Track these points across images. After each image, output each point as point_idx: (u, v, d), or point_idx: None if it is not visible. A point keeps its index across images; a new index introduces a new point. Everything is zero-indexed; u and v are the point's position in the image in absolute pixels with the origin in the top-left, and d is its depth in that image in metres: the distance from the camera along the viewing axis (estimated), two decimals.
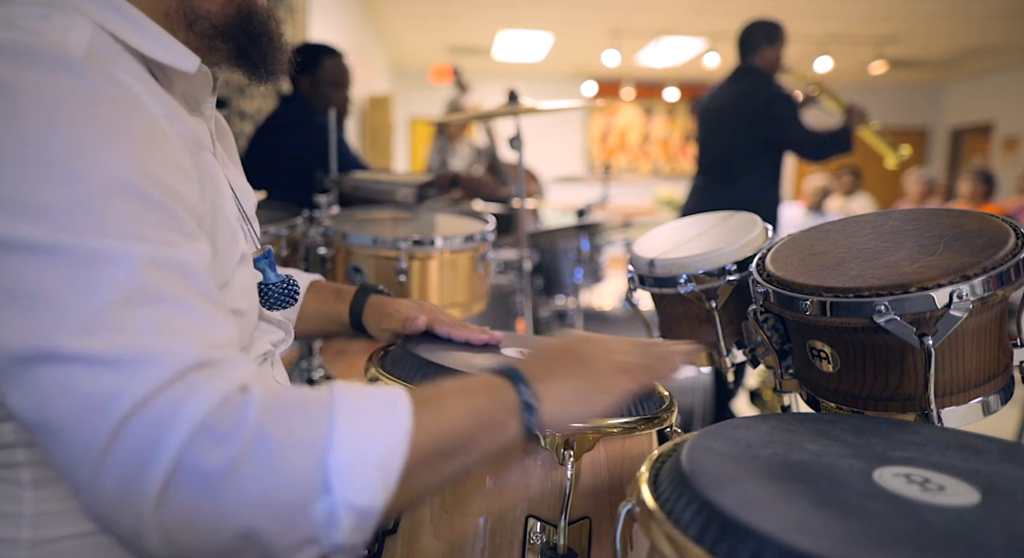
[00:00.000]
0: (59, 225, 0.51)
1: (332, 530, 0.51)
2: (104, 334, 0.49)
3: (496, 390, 0.62)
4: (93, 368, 0.49)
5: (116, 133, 0.55)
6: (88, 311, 0.50)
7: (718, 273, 1.01)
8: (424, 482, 0.56)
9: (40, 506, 0.62)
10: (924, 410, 0.76)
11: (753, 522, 0.46)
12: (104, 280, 0.51)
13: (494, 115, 2.12)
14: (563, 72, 9.60)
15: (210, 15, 0.71)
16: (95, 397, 0.48)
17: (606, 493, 0.82)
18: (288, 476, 0.50)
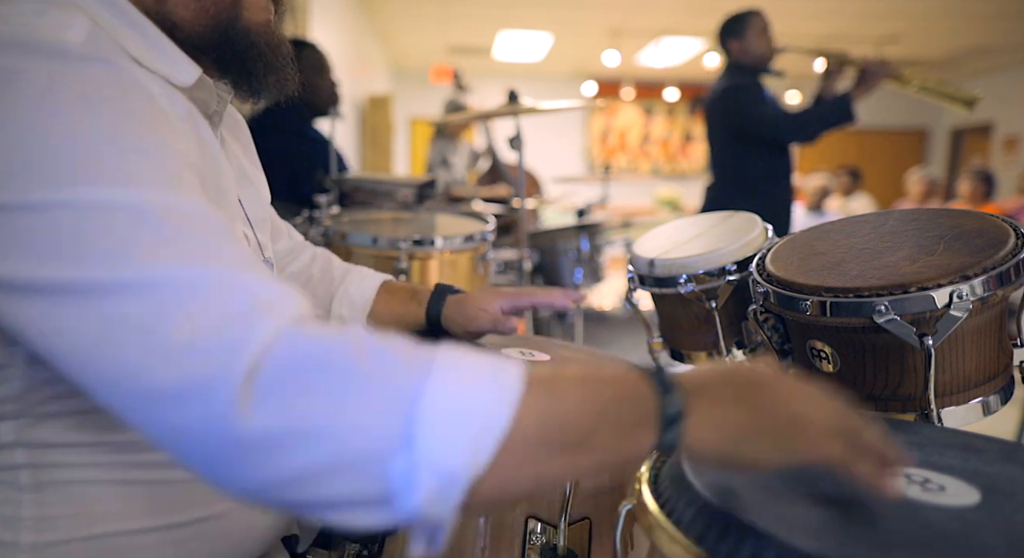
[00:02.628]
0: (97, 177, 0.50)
1: (409, 492, 0.43)
2: (188, 257, 0.49)
3: (629, 387, 0.51)
4: (170, 289, 0.47)
5: (119, 108, 0.54)
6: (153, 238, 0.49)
7: (718, 273, 1.01)
8: (519, 474, 0.47)
9: (40, 510, 0.61)
10: (924, 410, 0.76)
11: (754, 522, 0.46)
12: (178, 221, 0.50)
13: (494, 115, 2.12)
14: (563, 72, 9.59)
15: (185, 23, 0.67)
16: (177, 317, 0.46)
17: (606, 494, 0.82)
18: (369, 415, 0.44)
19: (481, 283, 1.75)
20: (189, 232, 0.50)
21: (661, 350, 1.17)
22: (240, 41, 0.70)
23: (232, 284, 0.48)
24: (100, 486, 0.63)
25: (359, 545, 0.80)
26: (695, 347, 1.11)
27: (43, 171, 0.49)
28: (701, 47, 7.82)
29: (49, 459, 0.61)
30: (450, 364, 0.47)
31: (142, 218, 0.49)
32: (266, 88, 0.74)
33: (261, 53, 0.71)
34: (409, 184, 2.14)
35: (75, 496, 0.62)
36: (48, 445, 0.61)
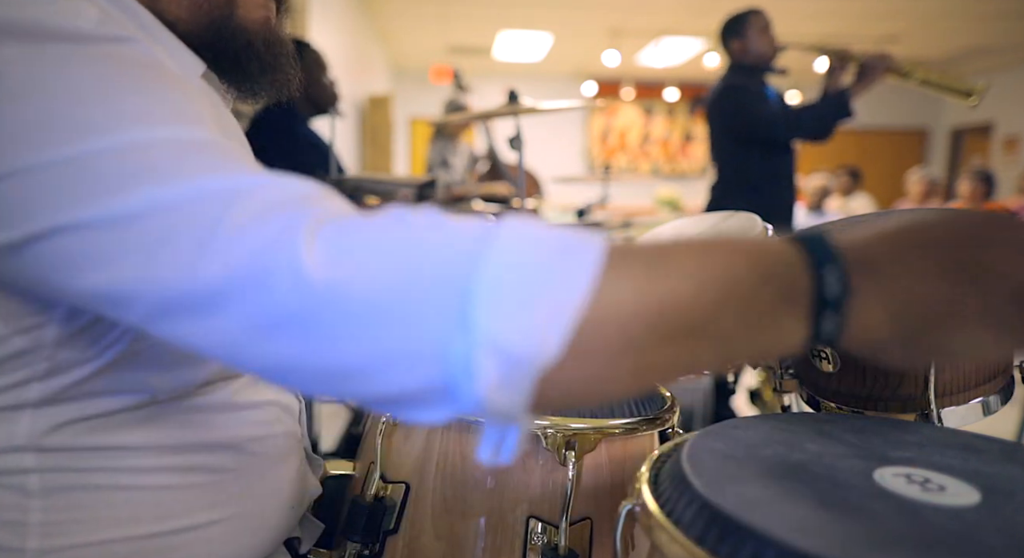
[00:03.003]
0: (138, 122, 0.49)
1: (470, 379, 0.38)
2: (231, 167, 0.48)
3: (771, 258, 0.40)
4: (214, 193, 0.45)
5: (141, 70, 0.53)
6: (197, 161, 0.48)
7: None
8: (613, 364, 0.40)
9: (48, 515, 0.60)
10: (924, 410, 0.76)
11: (754, 522, 0.46)
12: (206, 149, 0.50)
13: (494, 115, 2.13)
14: (563, 72, 9.60)
15: (179, 22, 0.66)
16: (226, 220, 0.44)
17: (607, 494, 0.82)
18: (423, 289, 0.39)
19: None
20: (218, 154, 0.49)
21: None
22: (235, 39, 0.68)
23: (268, 184, 0.47)
24: (110, 491, 0.63)
25: (360, 545, 0.80)
26: None
27: (74, 125, 0.48)
28: (701, 47, 7.83)
29: (61, 464, 0.61)
30: (516, 232, 0.39)
31: (172, 147, 0.48)
32: (263, 88, 0.73)
33: (257, 51, 0.70)
34: (409, 184, 2.14)
35: (84, 502, 0.61)
36: (62, 449, 0.60)
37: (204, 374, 0.68)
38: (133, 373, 0.62)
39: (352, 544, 0.81)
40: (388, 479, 0.83)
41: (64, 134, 0.48)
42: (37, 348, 0.57)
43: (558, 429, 0.78)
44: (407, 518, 0.80)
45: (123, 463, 0.63)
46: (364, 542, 0.80)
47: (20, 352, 0.57)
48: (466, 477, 0.80)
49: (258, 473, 0.73)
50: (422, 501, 0.80)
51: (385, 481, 0.83)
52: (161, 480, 0.65)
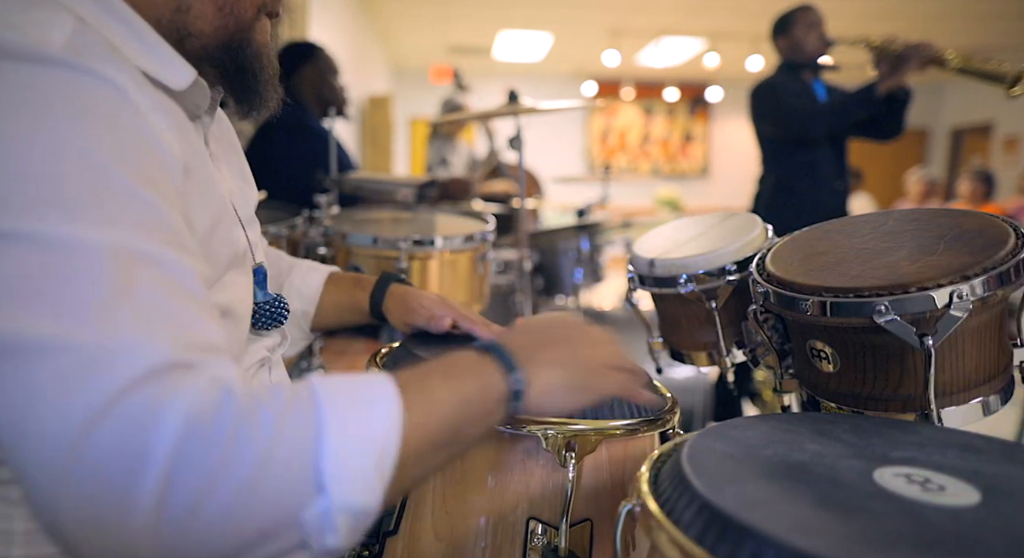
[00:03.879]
0: (28, 212, 0.48)
1: (326, 534, 0.48)
2: (71, 323, 0.46)
3: (485, 376, 0.59)
4: (58, 359, 0.45)
5: (98, 125, 0.54)
6: (55, 299, 0.47)
7: (718, 273, 1.01)
8: (413, 476, 0.54)
9: (32, 523, 0.59)
10: (924, 410, 0.76)
11: (754, 522, 0.46)
12: (74, 268, 0.48)
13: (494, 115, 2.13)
14: (563, 72, 9.60)
15: (202, 36, 0.69)
16: (61, 391, 0.45)
17: (608, 495, 0.82)
18: (278, 479, 0.47)
19: (481, 283, 1.75)
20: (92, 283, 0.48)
21: (661, 350, 1.17)
22: (248, 59, 0.73)
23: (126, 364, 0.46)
24: None
25: (360, 546, 0.80)
26: (695, 347, 1.11)
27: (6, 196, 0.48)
28: (701, 47, 7.82)
29: None
30: (335, 406, 0.50)
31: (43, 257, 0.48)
32: (257, 101, 0.77)
33: (263, 69, 0.75)
34: (409, 184, 2.14)
35: None
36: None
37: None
38: None
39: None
40: None
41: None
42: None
43: (558, 431, 0.78)
44: (407, 519, 0.80)
45: None
46: (364, 543, 0.80)
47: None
48: (466, 478, 0.80)
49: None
50: (422, 502, 0.80)
51: None
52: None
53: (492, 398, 0.59)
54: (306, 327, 1.08)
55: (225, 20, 0.69)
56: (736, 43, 7.38)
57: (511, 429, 0.79)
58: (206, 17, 0.68)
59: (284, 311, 0.88)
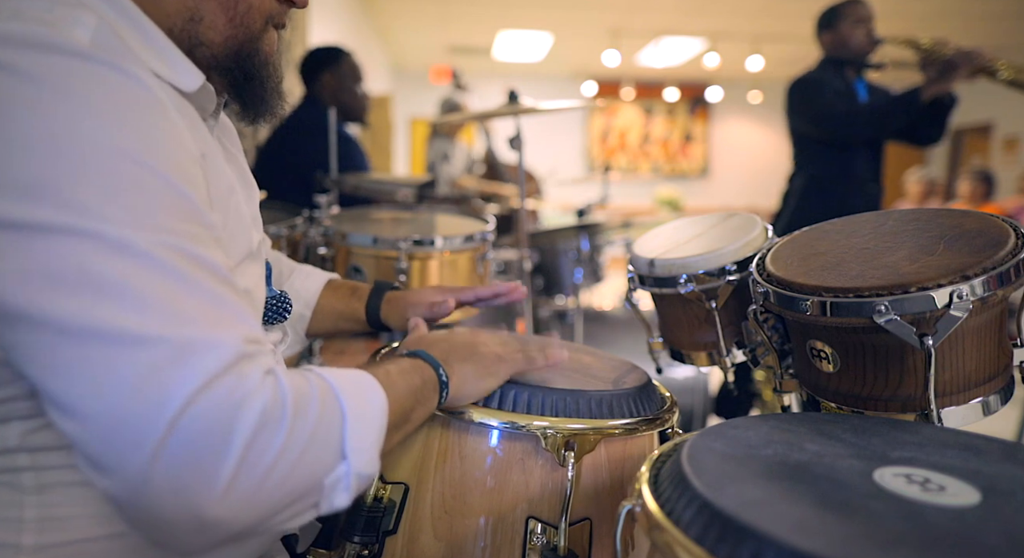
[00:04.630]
0: (92, 211, 0.51)
1: (339, 495, 0.59)
2: (155, 318, 0.51)
3: (425, 372, 0.74)
4: (147, 351, 0.50)
5: (140, 122, 0.56)
6: (136, 295, 0.51)
7: (718, 273, 1.01)
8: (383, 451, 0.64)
9: (43, 511, 0.61)
10: (924, 410, 0.76)
11: (754, 522, 0.46)
12: (144, 267, 0.52)
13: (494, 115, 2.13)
14: (563, 72, 9.60)
15: (212, 45, 0.71)
16: (151, 381, 0.49)
17: (607, 494, 0.82)
18: (318, 453, 0.56)
19: (481, 283, 1.75)
20: (153, 282, 0.52)
21: (661, 350, 1.17)
22: (255, 68, 0.75)
23: (192, 354, 0.51)
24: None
25: (359, 545, 0.80)
26: (695, 347, 1.11)
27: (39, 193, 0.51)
28: (701, 47, 7.83)
29: (53, 461, 0.61)
30: (348, 395, 0.60)
31: (108, 258, 0.51)
32: (268, 111, 0.79)
33: (269, 78, 0.77)
34: (409, 184, 2.14)
35: (79, 498, 0.62)
36: (52, 448, 0.61)
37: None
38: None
39: (351, 545, 0.80)
40: (387, 480, 0.83)
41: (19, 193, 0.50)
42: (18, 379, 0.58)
43: (557, 430, 0.78)
44: (406, 519, 0.80)
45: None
46: (363, 543, 0.80)
47: (4, 366, 0.57)
48: (465, 478, 0.80)
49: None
50: (421, 502, 0.80)
51: (384, 482, 0.83)
52: None
53: (431, 388, 0.74)
54: (301, 331, 1.09)
55: (235, 30, 0.71)
56: (736, 43, 7.38)
57: (511, 428, 0.79)
58: (217, 27, 0.70)
59: (288, 306, 0.90)
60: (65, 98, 0.53)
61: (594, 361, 0.99)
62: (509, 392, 0.81)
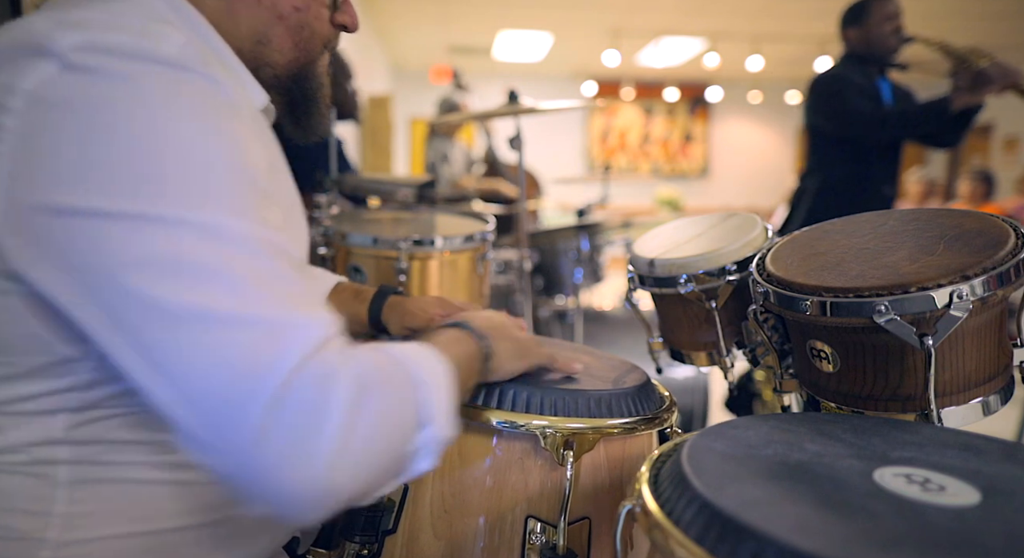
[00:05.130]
0: (193, 203, 0.55)
1: (422, 460, 0.62)
2: (254, 301, 0.54)
3: (471, 343, 0.77)
4: (247, 330, 0.53)
5: (226, 124, 0.60)
6: (234, 279, 0.54)
7: (718, 273, 1.01)
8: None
9: (72, 507, 0.62)
10: (924, 410, 0.76)
11: (754, 522, 0.46)
12: (239, 253, 0.55)
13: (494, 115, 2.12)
14: (563, 72, 9.60)
15: (276, 66, 0.76)
16: (255, 358, 0.52)
17: (606, 493, 0.82)
18: (406, 420, 0.60)
19: (481, 283, 1.75)
20: (247, 268, 0.55)
21: (661, 350, 1.17)
22: (312, 89, 0.80)
23: (288, 326, 0.55)
24: (134, 486, 0.65)
25: (358, 545, 0.80)
26: (695, 347, 1.11)
27: (140, 185, 0.54)
28: (701, 47, 7.83)
29: (92, 456, 0.63)
30: (421, 367, 0.64)
31: (205, 245, 0.54)
32: (318, 127, 0.84)
33: (322, 98, 0.82)
34: (408, 184, 2.14)
35: (107, 495, 0.63)
36: (94, 442, 0.63)
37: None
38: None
39: (351, 544, 0.81)
40: None
41: (127, 188, 0.54)
42: (84, 358, 0.60)
43: (556, 429, 0.78)
44: (406, 518, 0.80)
45: (153, 458, 0.65)
46: (363, 542, 0.80)
47: (66, 360, 0.60)
48: (464, 477, 0.80)
49: None
50: (421, 501, 0.80)
51: None
52: (184, 477, 0.67)
53: (478, 359, 0.77)
54: None
55: (298, 54, 0.76)
56: (736, 43, 7.38)
57: (510, 427, 0.79)
58: (283, 51, 0.75)
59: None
60: (164, 103, 0.56)
61: (593, 361, 0.99)
62: (508, 391, 0.81)
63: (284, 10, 0.74)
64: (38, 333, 0.59)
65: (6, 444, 0.61)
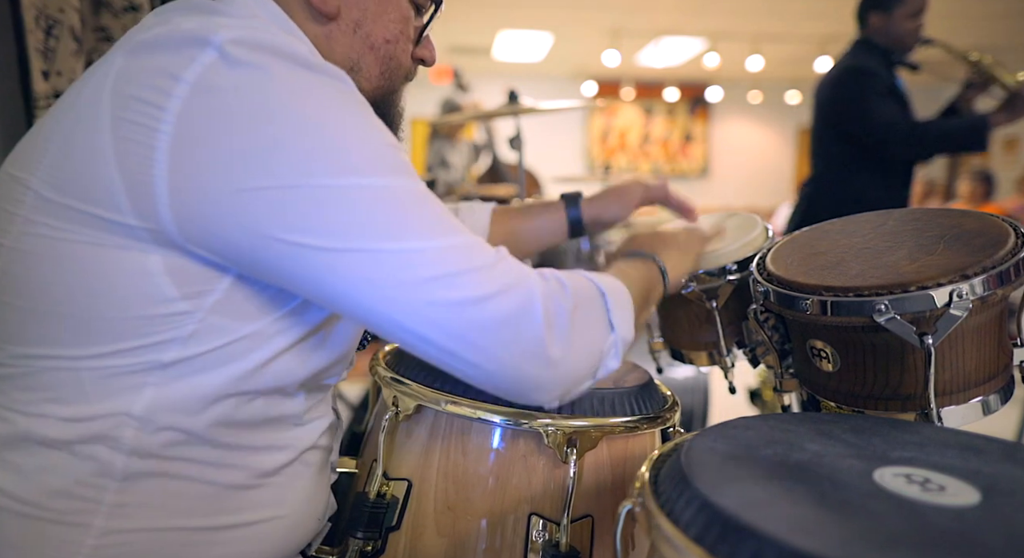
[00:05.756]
0: (368, 171, 0.62)
1: (612, 358, 0.73)
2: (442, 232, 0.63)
3: (647, 264, 0.90)
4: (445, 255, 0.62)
5: (365, 109, 0.66)
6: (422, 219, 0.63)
7: (719, 273, 1.01)
8: (638, 322, 0.80)
9: (121, 497, 0.64)
10: (924, 409, 0.76)
11: (754, 522, 0.46)
12: (413, 202, 0.64)
13: (494, 115, 2.13)
14: (563, 72, 9.59)
15: (362, 92, 0.78)
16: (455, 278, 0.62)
17: (609, 492, 0.82)
18: (597, 323, 0.72)
19: None
20: (427, 210, 0.64)
21: (661, 350, 1.17)
22: (392, 116, 0.86)
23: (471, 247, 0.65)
24: (183, 483, 0.66)
25: (362, 541, 0.81)
26: (695, 347, 1.11)
27: (313, 160, 0.60)
28: (701, 47, 7.82)
29: (155, 444, 0.64)
30: (604, 285, 0.75)
31: (392, 200, 0.62)
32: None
33: (400, 124, 0.88)
34: None
35: (156, 489, 0.65)
36: (165, 428, 0.64)
37: (319, 373, 0.75)
38: (261, 351, 0.68)
39: (355, 540, 0.81)
40: (390, 476, 0.83)
41: (303, 164, 0.60)
42: (194, 311, 0.63)
43: (559, 427, 0.78)
44: (409, 515, 0.81)
45: (206, 456, 0.67)
46: (367, 538, 0.80)
47: (179, 313, 0.63)
48: (468, 474, 0.80)
49: (304, 481, 0.77)
50: (424, 498, 0.81)
51: (387, 478, 0.83)
52: (230, 478, 0.69)
53: (656, 277, 0.90)
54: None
55: (383, 82, 0.82)
56: (736, 43, 7.38)
57: (513, 425, 0.79)
58: (371, 79, 0.81)
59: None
60: (315, 94, 0.62)
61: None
62: None
63: (376, 41, 0.79)
64: (163, 288, 0.62)
65: (87, 414, 0.63)
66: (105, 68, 0.63)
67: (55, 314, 0.63)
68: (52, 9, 1.31)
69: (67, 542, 0.62)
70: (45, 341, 0.63)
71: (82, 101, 0.63)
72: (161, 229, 0.61)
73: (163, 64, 0.60)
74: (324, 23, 0.76)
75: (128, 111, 0.60)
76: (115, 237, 0.61)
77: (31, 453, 0.63)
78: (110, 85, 0.61)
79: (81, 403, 0.63)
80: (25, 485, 0.63)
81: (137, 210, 0.60)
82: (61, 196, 0.62)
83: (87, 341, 0.63)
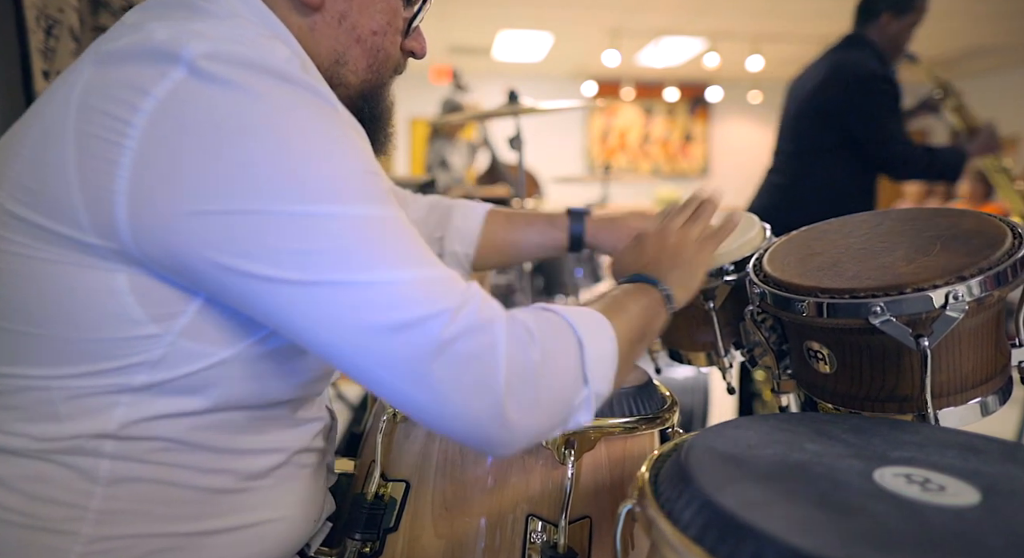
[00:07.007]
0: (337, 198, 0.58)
1: (583, 413, 0.67)
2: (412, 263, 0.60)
3: (649, 292, 0.82)
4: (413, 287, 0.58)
5: (338, 129, 0.63)
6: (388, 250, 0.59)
7: (716, 274, 1.01)
8: (624, 367, 0.73)
9: (108, 503, 0.63)
10: (921, 411, 0.76)
11: (754, 522, 0.46)
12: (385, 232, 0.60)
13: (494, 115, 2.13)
14: (563, 72, 9.59)
15: (349, 87, 0.78)
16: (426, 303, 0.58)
17: (607, 492, 0.82)
18: (566, 377, 0.65)
19: (481, 283, 1.75)
20: (395, 241, 0.60)
21: (660, 350, 1.17)
22: (380, 110, 0.83)
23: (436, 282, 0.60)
24: (168, 488, 0.65)
25: (360, 543, 0.81)
26: (693, 347, 1.11)
27: (278, 186, 0.57)
28: (701, 47, 7.82)
29: (137, 452, 0.63)
30: (582, 326, 0.68)
31: (358, 230, 0.58)
32: (385, 145, 0.86)
33: (389, 119, 0.86)
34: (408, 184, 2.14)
35: (142, 495, 0.64)
36: (143, 438, 0.63)
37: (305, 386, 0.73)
38: (241, 375, 0.66)
39: (353, 541, 0.81)
40: (388, 477, 0.83)
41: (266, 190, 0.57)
42: (163, 334, 0.61)
43: None
44: (407, 516, 0.80)
45: (190, 461, 0.66)
46: (364, 539, 0.80)
47: (148, 336, 0.61)
48: (466, 475, 0.80)
49: (297, 483, 0.76)
50: (422, 499, 0.80)
51: (385, 479, 0.83)
52: (217, 482, 0.68)
53: (659, 304, 0.82)
54: (468, 267, 1.17)
55: (370, 75, 0.79)
56: (736, 43, 7.38)
57: None
58: (358, 72, 0.78)
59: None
60: (285, 111, 0.59)
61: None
62: None
63: (363, 33, 0.77)
64: (128, 309, 0.60)
65: (59, 433, 0.62)
66: (73, 77, 0.62)
67: (27, 333, 0.62)
68: (52, 9, 1.31)
69: (55, 550, 0.62)
70: (17, 360, 0.62)
71: (48, 112, 0.62)
72: (122, 249, 0.59)
73: (132, 77, 0.58)
74: (308, 14, 0.73)
75: (93, 124, 0.58)
76: (79, 255, 0.59)
77: (10, 463, 0.62)
78: (76, 97, 0.59)
79: (52, 422, 0.62)
80: (8, 494, 0.62)
81: (97, 228, 0.58)
82: (28, 212, 0.60)
83: (58, 361, 0.61)
